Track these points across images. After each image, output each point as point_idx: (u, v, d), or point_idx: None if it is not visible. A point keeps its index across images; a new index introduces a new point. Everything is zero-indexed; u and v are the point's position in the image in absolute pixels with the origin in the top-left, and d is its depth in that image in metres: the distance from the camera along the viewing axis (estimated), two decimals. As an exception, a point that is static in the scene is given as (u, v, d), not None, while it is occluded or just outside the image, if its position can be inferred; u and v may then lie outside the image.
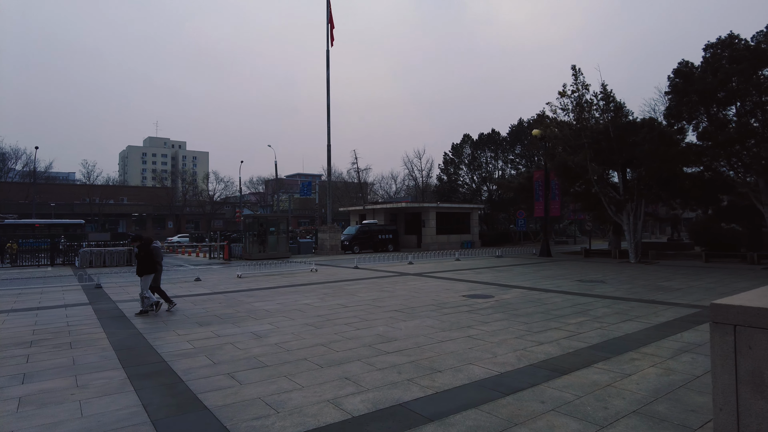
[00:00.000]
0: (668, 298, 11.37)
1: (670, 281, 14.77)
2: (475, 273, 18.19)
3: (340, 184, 74.52)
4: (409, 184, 63.55)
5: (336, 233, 32.49)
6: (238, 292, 13.72)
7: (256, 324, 9.13)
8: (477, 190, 47.70)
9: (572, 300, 11.41)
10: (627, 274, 17.14)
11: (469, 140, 47.86)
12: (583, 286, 14.05)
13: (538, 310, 10.09)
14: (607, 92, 22.07)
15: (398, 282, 15.55)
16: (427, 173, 58.52)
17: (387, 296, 12.43)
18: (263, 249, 29.28)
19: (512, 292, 12.96)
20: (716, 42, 18.51)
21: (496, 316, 9.48)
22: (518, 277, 16.74)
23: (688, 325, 8.44)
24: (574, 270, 18.84)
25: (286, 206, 71.80)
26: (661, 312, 9.67)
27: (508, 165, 46.78)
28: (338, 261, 26.05)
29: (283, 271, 19.99)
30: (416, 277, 16.84)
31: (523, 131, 45.87)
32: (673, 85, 18.63)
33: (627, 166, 22.35)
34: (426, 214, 37.21)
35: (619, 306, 10.45)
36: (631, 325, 8.46)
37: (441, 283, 15.16)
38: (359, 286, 14.78)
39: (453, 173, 48.60)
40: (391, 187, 68.59)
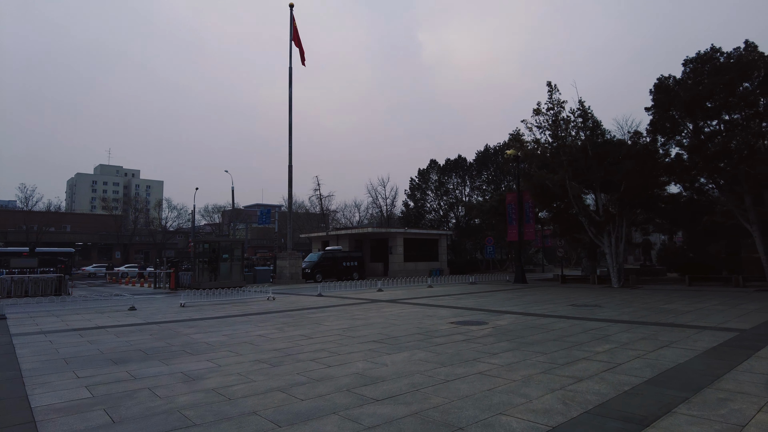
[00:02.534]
0: (687, 321, 9.79)
1: (671, 304, 13.32)
2: (454, 299, 16.30)
3: (302, 213, 72.01)
4: (373, 212, 61.78)
5: (296, 260, 30.04)
6: (177, 323, 11.26)
7: (192, 361, 6.84)
8: (444, 216, 46.39)
9: (580, 325, 9.65)
10: (619, 298, 15.68)
11: (436, 166, 46.81)
12: (581, 310, 12.39)
13: (549, 337, 8.24)
14: (585, 108, 21.22)
15: (371, 309, 13.44)
16: (392, 201, 57.03)
17: (360, 325, 10.31)
18: (215, 277, 26.48)
19: (506, 317, 11.10)
20: (696, 57, 17.97)
21: (503, 345, 7.56)
22: (504, 302, 14.95)
23: (743, 351, 6.77)
24: (559, 295, 17.27)
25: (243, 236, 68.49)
26: (695, 336, 8.01)
27: (475, 191, 45.85)
28: (299, 289, 23.63)
29: (236, 300, 17.48)
30: (390, 304, 14.78)
31: (489, 158, 45.28)
32: (656, 99, 17.86)
33: (606, 186, 21.32)
34: (393, 240, 35.34)
35: (640, 330, 8.75)
36: (675, 353, 6.72)
37: (420, 309, 13.16)
38: (325, 314, 12.58)
39: (419, 198, 47.21)
40: (355, 215, 66.62)
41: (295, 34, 32.45)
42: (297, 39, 32.48)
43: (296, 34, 32.47)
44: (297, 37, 32.49)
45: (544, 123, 22.11)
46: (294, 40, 32.35)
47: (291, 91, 31.54)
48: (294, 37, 32.33)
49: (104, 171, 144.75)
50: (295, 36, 32.44)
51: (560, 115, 21.60)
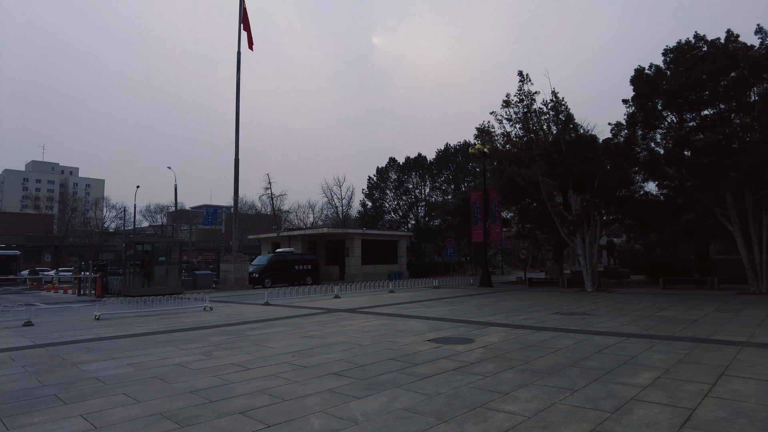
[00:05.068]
0: (709, 335, 8.19)
1: (665, 311, 11.87)
2: (423, 307, 14.31)
3: (252, 214, 68.52)
4: (328, 213, 59.16)
5: (243, 263, 27.26)
6: (76, 344, 8.65)
7: (57, 417, 4.45)
8: (404, 216, 44.56)
9: (587, 341, 7.84)
10: (603, 304, 14.19)
11: (395, 164, 44.92)
12: (572, 320, 10.68)
13: (561, 361, 6.34)
14: (558, 100, 19.87)
15: (328, 322, 11.22)
16: (348, 202, 54.68)
17: (316, 346, 8.09)
18: (148, 283, 23.40)
19: (493, 332, 9.19)
20: (676, 46, 16.91)
21: (510, 378, 5.58)
22: (481, 311, 13.09)
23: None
24: (536, 301, 15.64)
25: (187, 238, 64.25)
26: (743, 357, 6.33)
27: (436, 191, 44.30)
28: (244, 297, 21.01)
29: (166, 310, 14.78)
30: (351, 315, 12.60)
31: (450, 157, 43.89)
32: (637, 89, 16.65)
33: (580, 184, 20.02)
34: (350, 241, 33.11)
35: (666, 349, 7.01)
36: (747, 386, 4.95)
37: (388, 321, 11.05)
38: (272, 329, 10.26)
39: (378, 198, 45.13)
40: (309, 216, 63.79)
41: (245, 17, 29.75)
42: (246, 22, 29.79)
43: (245, 16, 29.78)
44: (246, 19, 29.81)
45: (514, 116, 20.60)
46: (243, 23, 29.64)
47: (239, 78, 28.83)
48: (243, 19, 29.62)
49: (37, 168, 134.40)
50: (245, 19, 29.74)
51: (532, 107, 20.15)
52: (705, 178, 16.03)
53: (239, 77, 28.90)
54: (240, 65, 29.01)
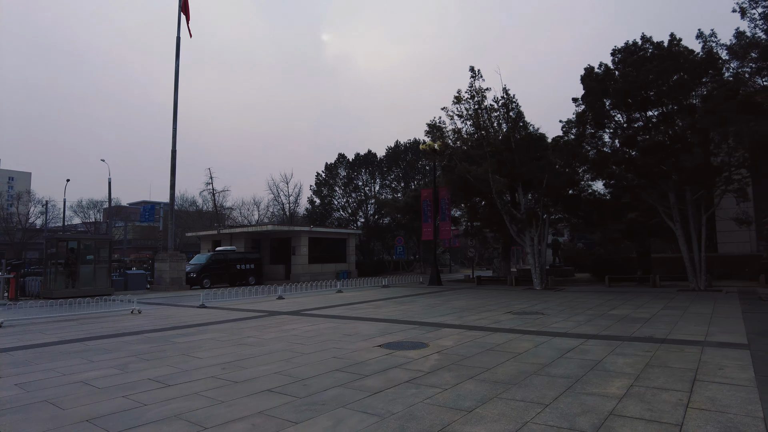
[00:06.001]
0: (667, 334, 7.94)
1: (617, 310, 11.75)
2: (373, 307, 13.58)
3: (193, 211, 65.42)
4: (274, 210, 57.29)
5: (179, 262, 25.51)
6: (-41, 360, 7.25)
7: None
8: (353, 214, 43.68)
9: (546, 344, 7.37)
10: (554, 303, 13.99)
11: (345, 161, 43.95)
12: (526, 320, 10.28)
13: (523, 368, 5.78)
14: (509, 97, 19.71)
15: (268, 326, 10.25)
16: (296, 199, 53.13)
17: (252, 355, 7.15)
18: (73, 283, 21.36)
19: (446, 334, 8.57)
20: (624, 47, 17.09)
21: (470, 390, 4.93)
22: (432, 310, 12.52)
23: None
24: (487, 300, 15.30)
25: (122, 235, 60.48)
26: (708, 359, 6.00)
27: (386, 188, 43.74)
28: (179, 298, 19.53)
29: (88, 314, 13.25)
30: (295, 318, 11.67)
31: (400, 154, 43.46)
32: (587, 87, 16.69)
33: (529, 183, 19.98)
34: (297, 239, 31.89)
35: (628, 351, 6.62)
36: (723, 392, 4.54)
37: (335, 324, 10.22)
38: (204, 336, 9.18)
39: (326, 195, 43.97)
40: (253, 213, 61.54)
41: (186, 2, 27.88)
42: (186, 6, 27.94)
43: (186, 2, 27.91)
44: (186, 4, 27.95)
45: (465, 112, 20.27)
46: (183, 8, 27.78)
47: (178, 65, 27.00)
48: (183, 3, 27.75)
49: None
50: (185, 3, 27.88)
51: (483, 104, 19.89)
52: (650, 177, 16.27)
53: (178, 64, 27.08)
54: (179, 51, 27.19)
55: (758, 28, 16.34)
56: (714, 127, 14.12)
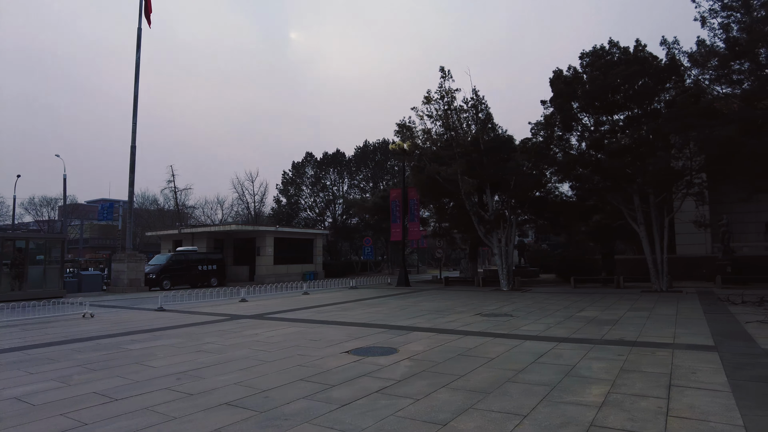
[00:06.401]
0: (637, 337, 7.91)
1: (585, 311, 11.78)
2: (340, 310, 13.21)
3: (154, 210, 63.31)
4: (239, 210, 55.98)
5: (138, 263, 24.45)
6: None
7: None
8: (321, 214, 43.07)
9: (518, 347, 7.21)
10: (522, 304, 13.97)
11: (312, 159, 43.29)
12: (497, 323, 10.15)
13: (497, 375, 5.57)
14: (479, 98, 19.71)
15: (230, 332, 9.76)
16: (261, 198, 52.05)
17: (211, 364, 6.69)
18: (20, 285, 20.14)
19: (415, 338, 8.32)
20: (592, 51, 17.33)
21: (443, 398, 4.67)
22: (401, 313, 12.26)
23: (782, 392, 4.71)
24: (456, 301, 15.16)
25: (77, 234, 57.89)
26: (681, 363, 5.94)
27: (354, 188, 43.33)
28: (137, 301, 18.65)
29: (34, 319, 12.39)
30: (258, 322, 11.19)
31: (369, 154, 43.17)
32: (556, 90, 16.82)
33: (497, 184, 20.04)
34: (262, 239, 31.13)
35: (601, 354, 6.52)
36: (701, 399, 4.43)
37: (300, 329, 9.82)
38: (160, 342, 8.62)
39: (293, 194, 43.17)
40: (217, 213, 59.97)
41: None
42: None
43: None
44: (147, -6, 26.83)
45: (435, 112, 20.16)
46: (144, -2, 26.65)
47: (139, 57, 25.94)
48: (144, -7, 26.63)
49: None
50: (146, -8, 26.76)
51: (453, 105, 19.82)
52: (615, 180, 16.53)
53: (139, 57, 26.00)
54: (140, 43, 26.10)
55: (717, 37, 16.83)
56: (677, 131, 14.44)
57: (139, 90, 25.83)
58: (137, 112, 25.31)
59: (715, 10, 16.59)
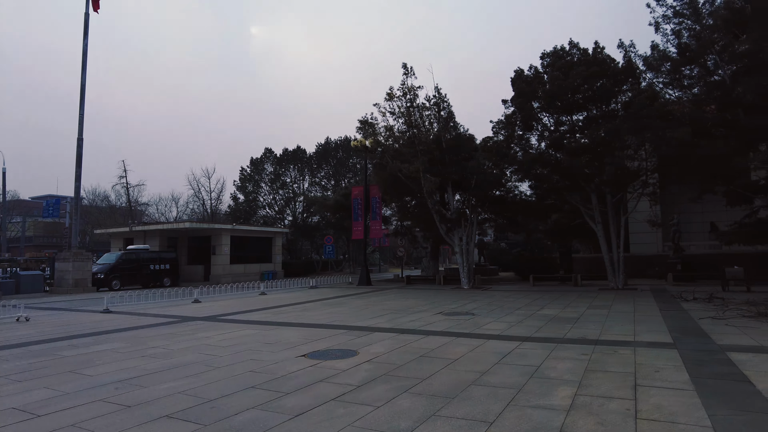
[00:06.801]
0: (599, 335, 7.89)
1: (545, 309, 11.81)
2: (299, 311, 12.76)
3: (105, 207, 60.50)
4: (194, 207, 54.15)
5: (85, 262, 23.12)
6: None
7: None
8: (280, 212, 42.12)
9: (481, 347, 7.03)
10: (483, 302, 13.92)
11: (272, 156, 42.27)
12: (458, 321, 9.99)
13: (461, 377, 5.34)
14: (441, 96, 19.62)
15: (179, 335, 9.17)
16: (218, 196, 50.48)
17: (156, 370, 6.17)
18: (-53, 288, 18.60)
19: (376, 339, 8.02)
20: (552, 51, 17.53)
21: (405, 405, 4.39)
22: (362, 313, 11.94)
23: (738, 385, 4.67)
24: (418, 300, 14.98)
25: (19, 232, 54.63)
26: (645, 361, 5.89)
27: (315, 186, 42.63)
28: (82, 302, 17.55)
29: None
30: (210, 324, 10.62)
31: (330, 152, 42.58)
32: (517, 89, 16.90)
33: (459, 183, 20.03)
34: (218, 238, 30.10)
35: (565, 354, 6.42)
36: (669, 399, 4.34)
37: (255, 331, 9.34)
38: (101, 347, 7.98)
39: (252, 191, 42.02)
40: (172, 210, 57.87)
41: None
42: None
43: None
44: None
45: (397, 109, 19.93)
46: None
47: (86, 44, 24.56)
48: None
49: None
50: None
51: (415, 102, 19.66)
52: (574, 179, 16.77)
53: (86, 44, 24.61)
54: (87, 29, 24.66)
55: (670, 43, 17.35)
56: (633, 132, 14.75)
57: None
58: (84, 102, 23.94)
59: (667, 16, 17.08)
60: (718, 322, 8.97)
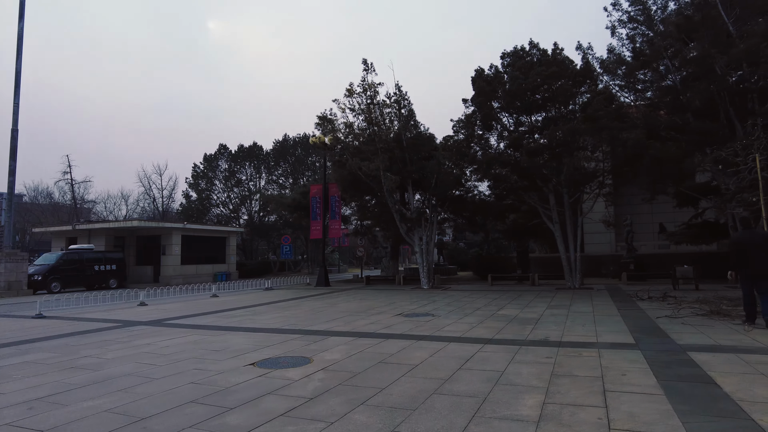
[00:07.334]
0: (560, 336, 7.73)
1: (504, 310, 11.66)
2: (251, 314, 12.11)
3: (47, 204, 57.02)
4: (145, 205, 51.79)
5: (19, 263, 21.46)
6: None
7: None
8: (235, 210, 40.77)
9: (442, 351, 6.70)
10: (443, 302, 13.69)
11: (227, 152, 40.85)
12: (417, 323, 9.66)
13: (425, 387, 4.97)
14: (402, 93, 19.33)
15: (116, 342, 8.41)
16: (170, 193, 48.44)
17: (80, 384, 5.49)
18: None
19: (332, 344, 7.57)
20: (512, 51, 17.55)
21: (362, 420, 3.98)
22: (318, 315, 11.44)
23: (703, 387, 4.52)
24: (377, 301, 14.59)
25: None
26: (610, 365, 5.71)
27: (272, 184, 41.50)
28: (13, 307, 16.21)
29: None
30: (154, 329, 9.85)
31: (288, 149, 41.59)
32: (478, 88, 16.80)
33: (419, 182, 19.81)
34: (168, 237, 28.73)
35: (528, 357, 6.17)
36: (642, 405, 4.10)
37: (201, 337, 8.68)
38: (22, 359, 7.15)
39: (205, 189, 40.45)
40: (121, 208, 55.14)
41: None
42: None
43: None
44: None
45: (357, 106, 19.49)
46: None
47: (22, 26, 22.83)
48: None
49: None
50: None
51: (375, 99, 19.27)
52: (533, 179, 16.84)
53: (22, 26, 22.90)
54: (23, 11, 22.97)
55: (625, 47, 17.72)
56: (591, 133, 14.92)
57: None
58: (20, 91, 22.26)
59: (623, 20, 17.41)
60: (675, 320, 9.02)
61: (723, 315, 9.40)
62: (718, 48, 14.13)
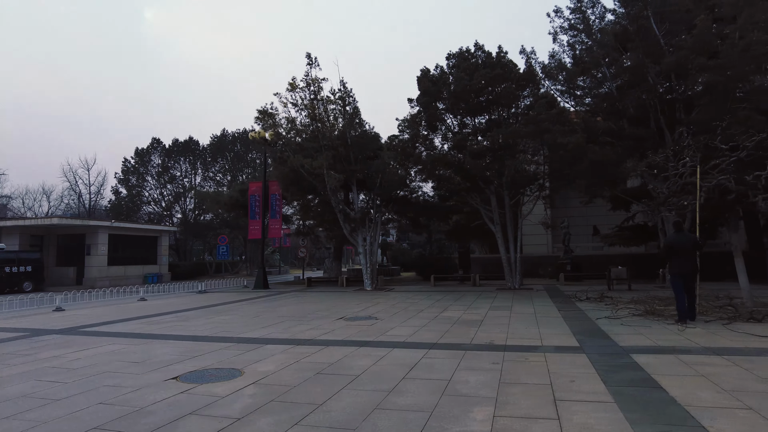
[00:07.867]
0: (504, 339, 7.58)
1: (448, 311, 11.50)
2: (180, 320, 11.22)
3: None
4: (70, 201, 48.12)
5: None
6: None
7: None
8: (168, 208, 38.62)
9: (387, 357, 6.34)
10: (386, 305, 13.36)
11: (160, 147, 38.61)
12: (360, 327, 9.26)
13: (368, 401, 4.57)
14: (347, 90, 18.86)
15: (17, 355, 7.41)
16: (99, 189, 45.23)
17: (-40, 409, 4.64)
18: None
19: (267, 353, 7.01)
20: (458, 52, 17.55)
21: (299, 447, 3.50)
22: (255, 321, 10.76)
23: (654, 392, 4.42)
24: (318, 304, 14.05)
25: None
26: (558, 370, 5.56)
27: (209, 181, 39.70)
28: None
29: None
30: (66, 339, 8.83)
31: (227, 145, 39.95)
32: (423, 88, 16.63)
33: (364, 182, 19.43)
34: (94, 236, 26.66)
35: (476, 363, 5.93)
36: (599, 417, 3.90)
37: (121, 347, 7.83)
38: None
39: (136, 185, 38.04)
40: (42, 205, 50.96)
41: None
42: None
43: None
44: None
45: (300, 101, 18.84)
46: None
47: None
48: None
49: None
50: None
51: (319, 95, 18.70)
52: (475, 181, 16.90)
53: None
54: None
55: (566, 53, 18.20)
56: (532, 136, 15.15)
57: None
58: None
59: (564, 27, 17.87)
60: (614, 321, 9.16)
61: (657, 315, 9.67)
62: (651, 58, 14.73)
